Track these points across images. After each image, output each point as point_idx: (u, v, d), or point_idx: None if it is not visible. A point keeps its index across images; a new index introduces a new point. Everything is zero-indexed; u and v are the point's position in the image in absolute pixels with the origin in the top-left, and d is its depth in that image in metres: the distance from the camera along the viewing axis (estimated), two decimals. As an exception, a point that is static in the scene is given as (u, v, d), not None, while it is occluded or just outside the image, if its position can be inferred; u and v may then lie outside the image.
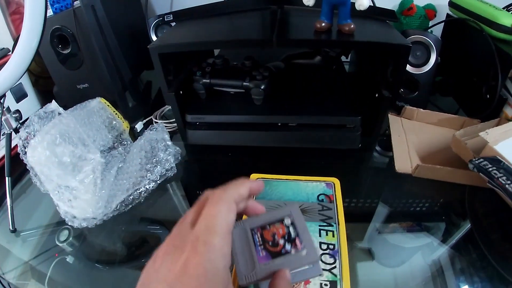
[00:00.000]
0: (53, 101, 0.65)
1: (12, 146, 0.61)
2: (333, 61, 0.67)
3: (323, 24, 0.56)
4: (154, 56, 0.57)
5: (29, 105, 0.74)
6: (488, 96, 0.66)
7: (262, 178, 0.50)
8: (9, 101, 0.70)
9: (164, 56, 0.58)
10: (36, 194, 0.59)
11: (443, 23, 0.79)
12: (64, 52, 0.67)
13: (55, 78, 0.70)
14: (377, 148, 0.67)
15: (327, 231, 0.42)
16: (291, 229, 0.31)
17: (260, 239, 0.31)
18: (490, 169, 0.49)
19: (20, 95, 0.73)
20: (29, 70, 0.80)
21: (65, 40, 0.67)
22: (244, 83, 0.60)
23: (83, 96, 0.66)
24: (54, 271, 0.49)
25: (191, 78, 0.63)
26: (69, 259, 0.52)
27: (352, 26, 0.55)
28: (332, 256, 0.39)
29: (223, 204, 0.27)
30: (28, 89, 0.75)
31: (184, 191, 0.59)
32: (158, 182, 0.58)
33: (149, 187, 0.57)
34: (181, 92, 0.61)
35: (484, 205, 0.55)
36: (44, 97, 0.79)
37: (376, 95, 0.60)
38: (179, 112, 0.61)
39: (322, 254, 0.39)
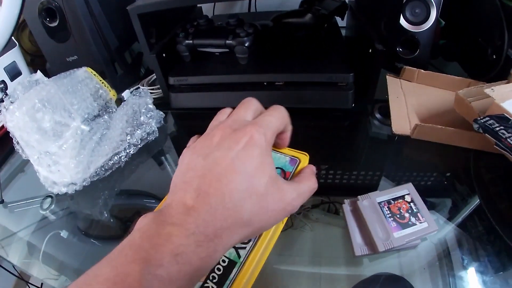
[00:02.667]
0: (38, 71, 0.64)
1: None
2: (325, 20, 0.62)
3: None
4: (133, 18, 0.56)
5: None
6: (494, 57, 0.60)
7: None
8: (4, 80, 0.71)
9: (145, 18, 0.56)
10: (22, 161, 0.58)
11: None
12: (52, 25, 0.67)
13: (45, 52, 0.70)
14: (377, 115, 0.62)
15: None
16: (412, 204, 0.39)
17: (388, 211, 0.39)
18: (498, 128, 0.43)
19: (14, 74, 0.73)
20: (24, 49, 0.81)
21: (52, 13, 0.67)
22: (227, 41, 0.57)
23: (73, 68, 0.65)
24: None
25: (176, 41, 0.61)
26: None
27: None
28: None
29: (277, 119, 0.30)
30: (22, 68, 0.75)
31: (166, 155, 0.57)
32: (139, 146, 0.56)
33: (129, 151, 0.55)
34: (164, 55, 0.59)
35: (491, 172, 0.49)
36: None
37: (370, 50, 0.55)
38: (161, 75, 0.59)
39: None
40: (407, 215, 0.38)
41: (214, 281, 0.27)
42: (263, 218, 0.26)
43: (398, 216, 0.38)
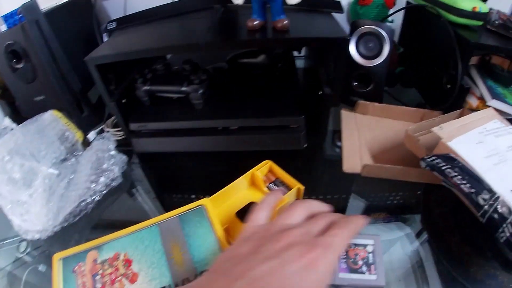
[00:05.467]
0: (6, 117, 0.67)
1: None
2: (279, 59, 0.65)
3: (256, 23, 0.55)
4: (91, 67, 0.58)
5: (-5, 118, 0.76)
6: (449, 86, 0.62)
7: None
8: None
9: (103, 66, 0.58)
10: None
11: (403, 11, 0.74)
12: (17, 66, 0.69)
13: (13, 91, 0.72)
14: (338, 143, 0.65)
15: None
16: (370, 255, 0.41)
17: (344, 254, 0.41)
18: (444, 167, 0.45)
19: (-16, 108, 0.75)
20: (-6, 83, 0.83)
21: (18, 55, 0.68)
22: (182, 88, 0.60)
23: (41, 108, 0.68)
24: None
25: (134, 87, 0.63)
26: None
27: (285, 22, 0.54)
28: None
29: (347, 239, 0.32)
30: (-7, 103, 0.77)
31: (130, 199, 0.60)
32: (104, 192, 0.59)
33: (94, 197, 0.58)
34: (123, 100, 0.62)
35: (441, 205, 0.52)
36: (12, 108, 0.81)
37: (319, 93, 0.58)
38: (122, 120, 0.62)
39: None
40: (361, 262, 0.41)
41: None
42: None
43: (352, 260, 0.41)
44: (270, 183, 0.53)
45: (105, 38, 0.76)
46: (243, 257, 0.28)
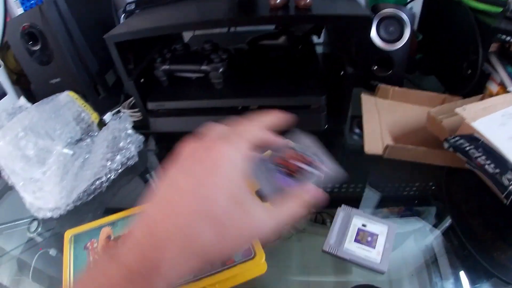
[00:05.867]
0: (22, 97, 0.66)
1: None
2: (300, 41, 0.64)
3: (278, 1, 0.54)
4: (110, 46, 0.57)
5: (9, 103, 0.75)
6: (469, 72, 0.61)
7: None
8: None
9: (122, 45, 0.58)
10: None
11: (422, -3, 0.74)
12: (34, 48, 0.68)
13: (29, 74, 0.72)
14: (356, 130, 0.64)
15: None
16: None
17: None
18: (468, 148, 0.45)
19: (-1, 94, 0.75)
20: (10, 69, 0.82)
21: (35, 37, 0.68)
22: (202, 67, 0.59)
23: (56, 91, 0.67)
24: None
25: (153, 66, 0.62)
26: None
27: (308, 0, 0.53)
28: None
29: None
30: (7, 88, 0.76)
31: (145, 179, 0.59)
32: (119, 171, 0.58)
33: (110, 176, 0.57)
34: (142, 80, 0.61)
35: (464, 189, 0.51)
36: (27, 95, 0.81)
37: (341, 73, 0.57)
38: (140, 100, 0.61)
39: None
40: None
41: None
42: (217, 246, 0.23)
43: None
44: None
45: (122, 20, 0.76)
46: (158, 189, 0.25)
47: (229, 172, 0.24)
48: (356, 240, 0.40)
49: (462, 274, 0.40)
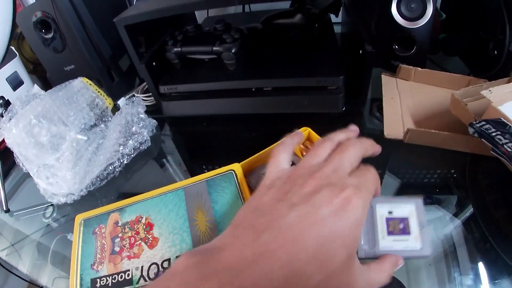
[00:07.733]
0: (35, 85, 0.66)
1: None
2: (316, 19, 0.61)
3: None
4: (121, 29, 0.56)
5: (26, 92, 0.76)
6: (495, 53, 0.58)
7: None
8: (6, 90, 0.73)
9: (132, 28, 0.56)
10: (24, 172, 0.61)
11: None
12: (47, 36, 0.68)
13: (43, 62, 0.72)
14: (376, 114, 0.61)
15: None
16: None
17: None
18: (494, 133, 0.41)
19: (16, 83, 0.75)
20: (25, 58, 0.83)
21: (47, 25, 0.68)
22: (214, 48, 0.57)
23: (71, 78, 0.67)
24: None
25: (165, 49, 0.61)
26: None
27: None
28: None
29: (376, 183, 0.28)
30: (24, 77, 0.77)
31: (158, 164, 0.58)
32: (132, 155, 0.57)
33: (123, 161, 0.56)
34: (154, 63, 0.60)
35: (488, 178, 0.47)
36: (44, 83, 0.81)
37: (360, 52, 0.54)
38: (152, 83, 0.59)
39: None
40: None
41: None
42: None
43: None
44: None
45: (135, 6, 0.75)
46: (268, 206, 0.24)
47: (355, 225, 0.24)
48: (389, 233, 0.34)
49: (481, 267, 0.37)
